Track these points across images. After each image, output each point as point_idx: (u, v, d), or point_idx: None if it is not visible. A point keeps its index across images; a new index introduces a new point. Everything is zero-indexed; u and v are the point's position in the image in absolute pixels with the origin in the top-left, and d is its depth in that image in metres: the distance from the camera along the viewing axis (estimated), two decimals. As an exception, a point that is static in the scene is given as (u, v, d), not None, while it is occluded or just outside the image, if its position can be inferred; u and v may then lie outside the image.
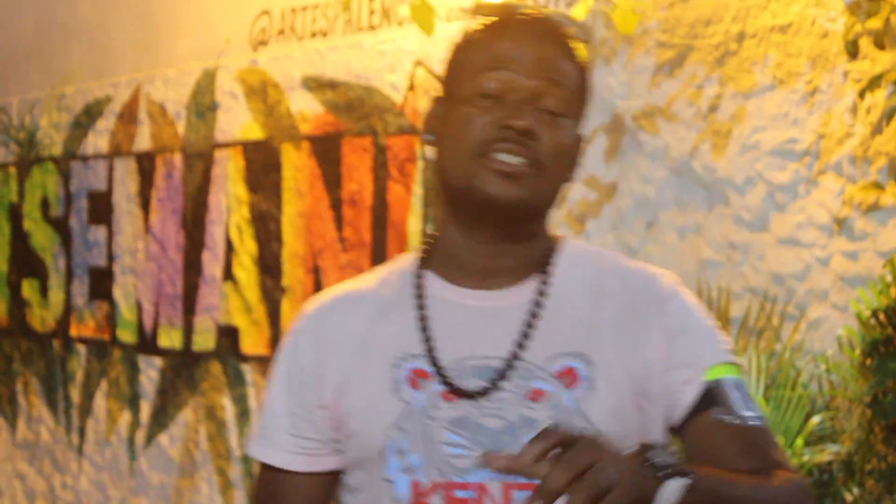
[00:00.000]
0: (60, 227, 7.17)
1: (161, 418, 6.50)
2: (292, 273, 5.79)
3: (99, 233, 6.92)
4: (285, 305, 5.80)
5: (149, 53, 6.64)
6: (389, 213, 5.37)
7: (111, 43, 6.89)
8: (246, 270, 6.01)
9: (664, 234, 4.46)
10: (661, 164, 4.46)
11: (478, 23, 1.84)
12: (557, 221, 4.76)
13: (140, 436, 6.62)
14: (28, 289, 7.41)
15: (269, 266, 5.90)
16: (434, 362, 1.76)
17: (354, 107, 5.53)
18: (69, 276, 7.11)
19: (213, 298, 6.19)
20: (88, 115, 6.98)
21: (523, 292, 1.80)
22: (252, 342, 5.98)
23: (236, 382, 6.05)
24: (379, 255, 5.37)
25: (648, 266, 1.87)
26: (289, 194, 5.81)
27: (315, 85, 5.70)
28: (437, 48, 5.14)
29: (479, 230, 1.80)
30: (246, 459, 5.99)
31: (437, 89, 1.87)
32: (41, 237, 7.30)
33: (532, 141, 1.73)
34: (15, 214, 7.50)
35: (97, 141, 6.92)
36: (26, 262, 7.41)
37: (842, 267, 4.01)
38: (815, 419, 3.79)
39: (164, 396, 6.48)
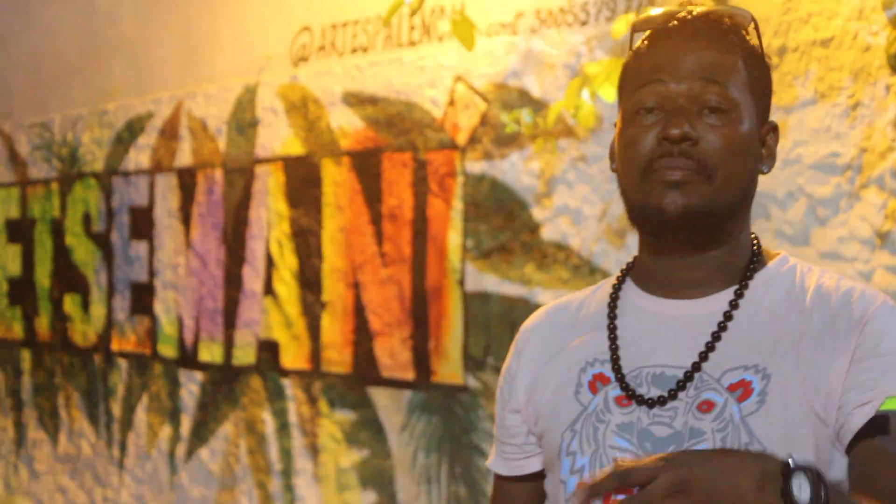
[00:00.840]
0: (102, 242, 7.21)
1: (201, 432, 6.52)
2: (332, 288, 5.80)
3: (140, 248, 6.96)
4: (325, 320, 5.82)
5: (190, 70, 6.68)
6: (429, 227, 5.38)
7: (153, 59, 6.94)
8: (286, 285, 6.03)
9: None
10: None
11: (638, 40, 1.84)
12: (598, 235, 4.76)
13: (181, 450, 6.65)
14: (70, 304, 7.45)
15: (309, 281, 5.92)
16: (616, 368, 1.79)
17: (394, 122, 5.54)
18: (111, 291, 7.15)
19: (254, 313, 6.22)
20: (130, 131, 7.03)
21: (715, 303, 1.79)
22: (292, 357, 6.00)
23: (276, 397, 6.07)
24: (419, 270, 5.38)
25: (863, 286, 1.80)
26: (329, 209, 5.83)
27: (355, 100, 5.72)
28: (477, 63, 5.15)
29: (662, 245, 1.81)
30: (286, 474, 6.00)
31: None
32: (83, 252, 7.35)
33: (692, 146, 1.72)
34: (57, 230, 7.55)
35: (138, 157, 6.97)
36: (68, 277, 7.46)
37: (885, 281, 3.99)
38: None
39: (205, 410, 6.50)
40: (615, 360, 1.79)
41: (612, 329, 1.82)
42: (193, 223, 6.61)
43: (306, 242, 5.94)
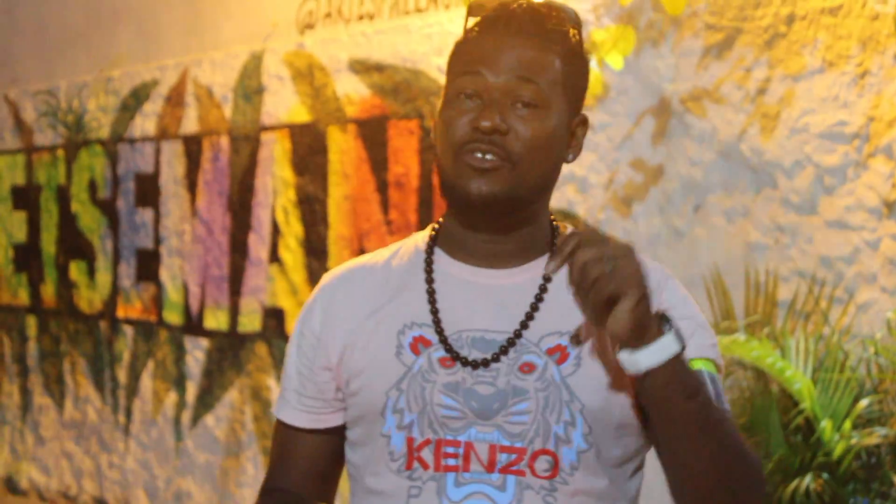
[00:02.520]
0: (108, 209, 7.22)
1: (207, 399, 6.54)
2: (338, 255, 5.81)
3: (146, 215, 6.96)
4: (331, 287, 5.83)
5: (196, 37, 6.67)
6: (435, 195, 5.38)
7: (159, 26, 6.93)
8: (292, 253, 6.04)
9: (711, 218, 4.45)
10: (709, 147, 4.46)
11: (471, 22, 1.94)
12: (604, 204, 4.76)
13: (186, 416, 6.67)
14: (76, 270, 7.46)
15: (315, 248, 5.93)
16: (439, 332, 1.89)
17: (401, 90, 5.54)
18: (116, 257, 7.16)
19: (259, 280, 6.23)
20: (136, 99, 7.02)
21: (527, 273, 1.92)
22: (298, 324, 6.00)
23: (281, 363, 6.07)
24: (425, 238, 5.39)
25: (644, 256, 1.88)
26: (335, 177, 5.84)
27: (361, 68, 5.72)
28: (485, 31, 5.15)
29: (471, 222, 1.92)
30: (291, 440, 6.02)
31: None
32: (89, 219, 7.36)
33: (501, 137, 1.84)
34: (63, 197, 7.55)
35: (144, 124, 6.97)
36: (74, 244, 7.47)
37: (891, 250, 4.00)
38: (864, 402, 3.78)
39: (210, 377, 6.52)
40: (437, 324, 1.90)
41: (430, 293, 1.92)
42: (199, 190, 6.61)
43: (312, 210, 5.95)
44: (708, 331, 1.93)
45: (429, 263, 1.95)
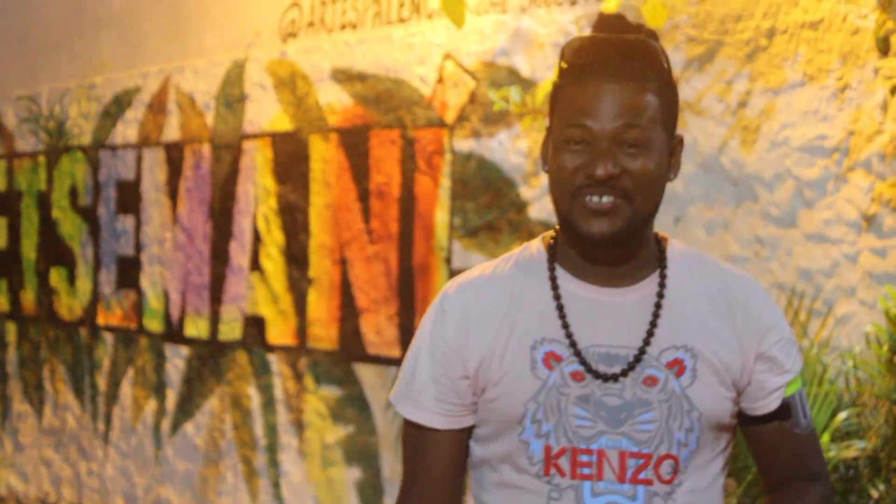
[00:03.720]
0: (89, 216, 7.21)
1: (187, 407, 6.53)
2: (319, 264, 5.81)
3: (127, 222, 6.95)
4: (312, 296, 5.83)
5: (178, 44, 6.67)
6: (417, 205, 5.38)
7: (141, 33, 6.93)
8: (273, 261, 6.04)
9: (692, 230, 4.47)
10: (690, 160, 4.47)
11: (566, 63, 2.10)
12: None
13: (166, 424, 6.66)
14: (56, 277, 7.45)
15: (296, 257, 5.92)
16: (573, 346, 2.08)
17: (383, 99, 5.54)
18: (97, 264, 7.15)
19: (240, 288, 6.23)
20: (118, 105, 7.02)
21: (643, 290, 2.12)
22: (278, 332, 6.01)
23: (262, 372, 6.08)
24: (406, 247, 5.39)
25: (738, 270, 2.21)
26: (316, 186, 5.84)
27: (344, 77, 5.72)
28: (466, 42, 5.16)
29: (593, 256, 2.11)
30: (271, 449, 6.02)
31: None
32: (69, 226, 7.35)
33: (616, 180, 2.02)
34: (43, 203, 7.54)
35: (126, 131, 6.96)
36: (54, 250, 7.45)
37: (870, 264, 4.01)
38: (842, 415, 3.79)
39: (190, 385, 6.51)
40: (570, 339, 2.08)
41: (560, 309, 2.10)
42: (180, 198, 6.61)
43: (293, 218, 5.95)
44: (794, 338, 2.20)
45: (553, 280, 2.13)
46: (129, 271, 6.93)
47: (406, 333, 5.38)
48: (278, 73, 6.04)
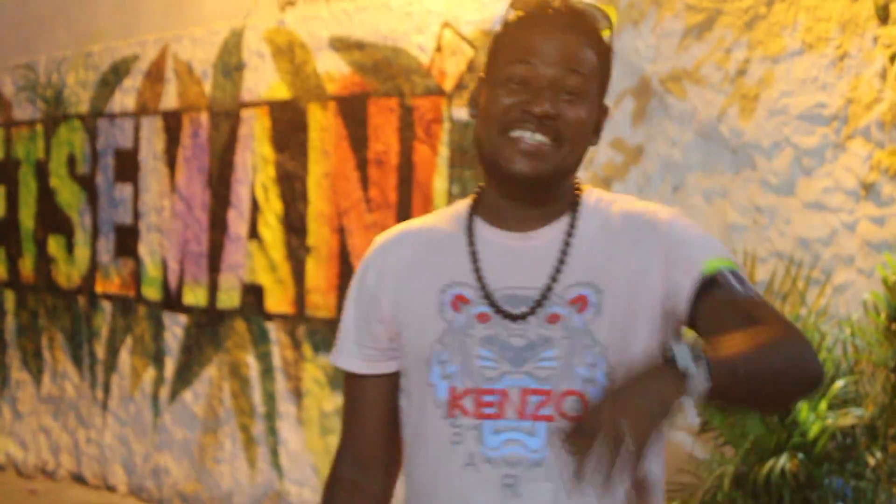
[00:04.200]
0: (87, 184, 7.20)
1: (185, 375, 6.54)
2: (317, 232, 5.81)
3: (125, 190, 6.95)
4: (310, 264, 5.83)
5: (176, 12, 6.65)
6: (415, 173, 5.39)
7: (139, 2, 6.91)
8: (271, 229, 6.04)
9: (690, 198, 4.47)
10: (689, 128, 4.47)
11: (513, 15, 2.12)
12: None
13: (164, 392, 6.68)
14: (54, 245, 7.45)
15: (294, 225, 5.93)
16: (482, 288, 2.09)
17: (381, 68, 5.54)
18: (95, 233, 7.15)
19: (239, 257, 6.23)
20: (115, 74, 7.01)
21: (552, 233, 2.12)
22: (276, 300, 6.01)
23: (260, 340, 6.09)
24: (404, 215, 5.39)
25: (652, 203, 2.17)
26: (315, 154, 5.83)
27: (342, 45, 5.71)
28: (465, 10, 5.15)
29: (510, 193, 2.12)
30: (269, 417, 6.03)
31: (482, 67, 2.16)
32: (67, 194, 7.34)
33: (551, 121, 2.04)
34: (41, 171, 7.53)
35: (124, 99, 6.95)
36: (52, 218, 7.45)
37: (868, 232, 4.02)
38: (840, 383, 3.80)
39: (189, 353, 6.52)
40: (480, 281, 2.10)
41: (473, 255, 2.12)
42: (178, 166, 6.61)
43: (291, 187, 5.95)
44: (716, 242, 2.09)
45: (470, 229, 2.15)
46: (127, 240, 6.93)
47: (404, 302, 5.39)
48: (276, 41, 6.03)
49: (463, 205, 2.21)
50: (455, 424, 2.08)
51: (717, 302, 2.03)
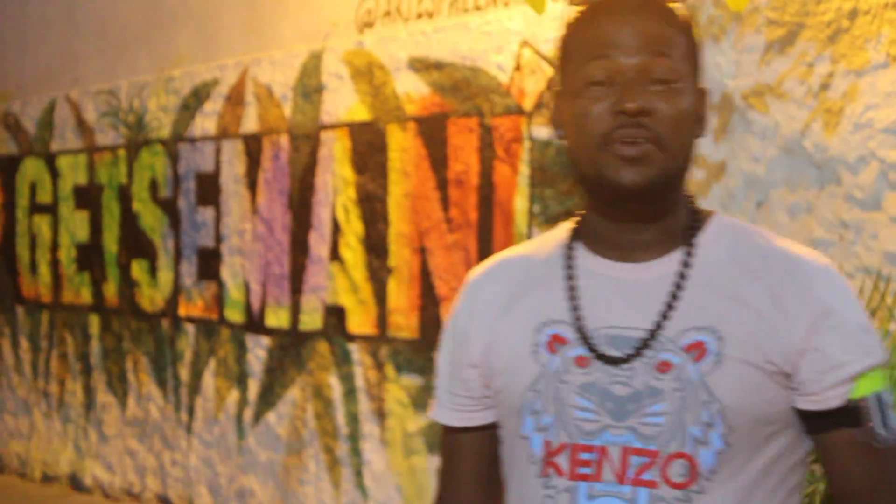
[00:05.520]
0: (169, 208, 7.27)
1: (269, 397, 6.57)
2: (398, 253, 5.82)
3: (207, 214, 7.00)
4: (391, 285, 5.84)
5: (256, 36, 6.70)
6: (496, 193, 5.38)
7: (218, 26, 6.97)
8: (352, 250, 6.06)
9: (775, 214, 4.43)
10: (772, 143, 4.43)
11: (576, 10, 1.88)
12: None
13: (248, 414, 6.71)
14: (137, 269, 7.52)
15: (375, 246, 5.94)
16: (580, 330, 1.83)
17: (460, 87, 5.54)
18: (178, 256, 7.21)
19: (320, 278, 6.25)
20: (196, 98, 7.07)
21: (666, 265, 1.85)
22: (358, 322, 6.03)
23: (343, 361, 6.11)
24: (485, 236, 5.39)
25: (798, 246, 1.87)
26: (395, 175, 5.85)
27: (421, 66, 5.72)
28: (544, 28, 5.14)
29: (616, 213, 1.85)
30: (353, 438, 6.04)
31: (554, 81, 1.92)
32: (150, 218, 7.41)
33: (647, 118, 1.77)
34: (124, 196, 7.61)
35: (205, 123, 7.01)
36: (136, 242, 7.52)
37: (957, 246, 3.96)
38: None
39: (272, 375, 6.55)
40: (578, 322, 1.84)
41: (570, 290, 1.87)
42: (259, 189, 6.65)
43: (372, 208, 5.96)
44: (868, 327, 1.82)
45: (568, 258, 1.90)
46: (209, 262, 6.98)
47: (486, 321, 5.37)
48: (355, 63, 6.05)
49: (564, 230, 1.96)
50: (548, 485, 1.82)
51: (849, 441, 1.79)
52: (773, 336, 1.77)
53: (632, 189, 1.78)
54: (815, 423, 1.80)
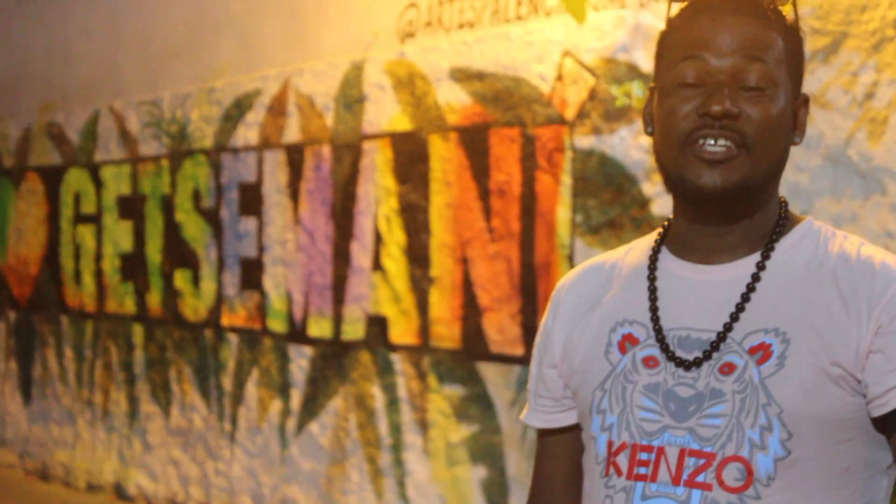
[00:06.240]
0: (211, 218, 7.29)
1: (311, 407, 6.58)
2: (441, 263, 5.82)
3: (249, 224, 7.02)
4: (433, 295, 5.84)
5: (297, 47, 6.72)
6: (538, 203, 5.37)
7: (260, 37, 6.99)
8: (395, 261, 6.06)
9: (819, 224, 4.40)
10: (816, 153, 4.40)
11: (676, 8, 1.87)
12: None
13: (291, 424, 6.72)
14: (180, 279, 7.55)
15: (417, 256, 5.94)
16: (657, 330, 1.83)
17: (502, 97, 5.54)
18: (220, 266, 7.23)
19: (362, 288, 6.26)
20: (238, 108, 7.09)
21: (742, 268, 1.83)
22: (401, 331, 6.03)
23: (385, 371, 6.11)
24: (527, 246, 5.38)
25: (885, 253, 1.83)
26: (437, 185, 5.85)
27: (463, 76, 5.72)
28: (585, 38, 5.13)
29: (698, 214, 1.85)
30: (395, 448, 6.04)
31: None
32: (193, 228, 7.44)
33: (734, 121, 1.75)
34: (167, 206, 7.64)
35: (247, 133, 7.03)
36: (179, 252, 7.55)
37: None
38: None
39: (315, 385, 6.56)
40: (656, 322, 1.84)
41: (652, 291, 1.87)
42: (302, 199, 6.66)
43: (414, 218, 5.96)
44: None
45: (653, 261, 1.91)
46: (252, 273, 7.00)
47: (529, 331, 5.37)
48: (397, 73, 6.06)
49: (654, 234, 1.97)
50: (608, 485, 1.82)
51: None
52: (843, 338, 1.74)
53: (711, 192, 1.77)
54: (887, 428, 1.76)
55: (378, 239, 6.16)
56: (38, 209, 8.86)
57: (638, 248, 1.98)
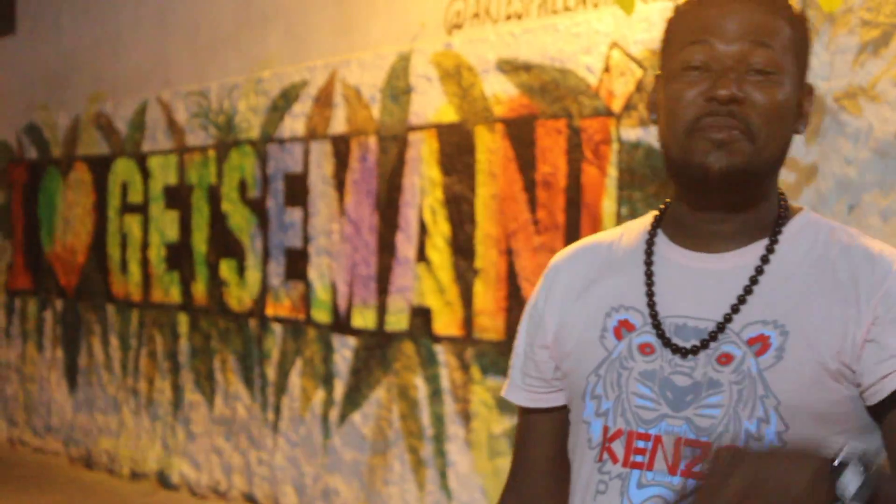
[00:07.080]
0: (257, 208, 7.32)
1: (354, 397, 6.59)
2: (485, 255, 5.82)
3: (295, 214, 7.04)
4: (478, 287, 5.84)
5: (344, 38, 6.73)
6: (583, 195, 5.36)
7: (308, 28, 7.01)
8: (439, 252, 6.06)
9: (867, 217, 4.37)
10: (864, 146, 4.37)
11: None
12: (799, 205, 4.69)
13: (334, 414, 6.73)
14: (226, 269, 7.58)
15: (462, 248, 5.94)
16: (652, 316, 1.82)
17: (549, 89, 5.53)
18: (265, 256, 7.25)
19: (407, 279, 6.26)
20: (285, 99, 7.11)
21: (743, 257, 1.83)
22: (445, 323, 6.03)
23: (429, 363, 6.11)
24: (572, 238, 5.36)
25: (883, 245, 1.83)
26: (482, 176, 5.84)
27: (509, 68, 5.72)
28: (633, 29, 5.12)
29: (701, 200, 1.83)
30: (438, 439, 6.04)
31: (653, 68, 1.90)
32: (239, 218, 7.46)
33: (739, 106, 1.75)
34: (213, 196, 7.67)
35: (293, 124, 7.05)
36: (224, 242, 7.58)
37: None
38: None
39: (358, 375, 6.57)
40: (652, 309, 1.83)
41: (648, 276, 1.86)
42: (347, 190, 6.67)
43: (459, 209, 5.96)
44: None
45: (649, 245, 1.89)
46: (297, 263, 7.02)
47: (573, 324, 5.35)
48: (444, 64, 6.06)
49: (649, 218, 1.95)
50: (602, 471, 1.82)
51: None
52: (842, 329, 1.74)
53: (717, 173, 1.76)
54: (880, 415, 1.76)
55: (423, 230, 6.17)
56: (85, 199, 8.91)
57: (632, 231, 1.96)
